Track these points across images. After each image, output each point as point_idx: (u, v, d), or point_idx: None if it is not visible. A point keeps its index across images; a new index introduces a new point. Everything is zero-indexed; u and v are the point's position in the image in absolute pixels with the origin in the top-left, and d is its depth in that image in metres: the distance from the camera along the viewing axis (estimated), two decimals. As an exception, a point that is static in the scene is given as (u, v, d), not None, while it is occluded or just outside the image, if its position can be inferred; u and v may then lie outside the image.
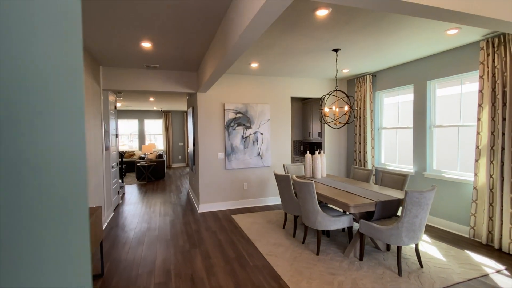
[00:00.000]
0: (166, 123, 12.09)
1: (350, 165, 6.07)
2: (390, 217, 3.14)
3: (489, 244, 3.45)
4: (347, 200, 3.00)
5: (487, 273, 2.78)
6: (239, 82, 5.32)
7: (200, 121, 5.10)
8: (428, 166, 4.38)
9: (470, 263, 2.99)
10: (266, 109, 5.48)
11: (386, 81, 5.11)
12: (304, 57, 4.17)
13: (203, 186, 5.15)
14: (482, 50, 3.44)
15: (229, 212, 5.06)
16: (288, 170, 4.86)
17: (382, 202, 2.97)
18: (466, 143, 3.91)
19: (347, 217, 3.25)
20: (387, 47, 3.77)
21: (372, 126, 5.35)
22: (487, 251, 3.28)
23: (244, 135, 5.33)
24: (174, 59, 4.23)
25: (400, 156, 5.01)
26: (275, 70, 5.00)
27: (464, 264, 2.97)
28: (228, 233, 4.03)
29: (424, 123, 4.39)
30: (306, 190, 3.19)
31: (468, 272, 2.80)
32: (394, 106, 5.12)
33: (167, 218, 4.83)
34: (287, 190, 3.75)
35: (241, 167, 5.33)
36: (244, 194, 5.42)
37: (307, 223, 3.34)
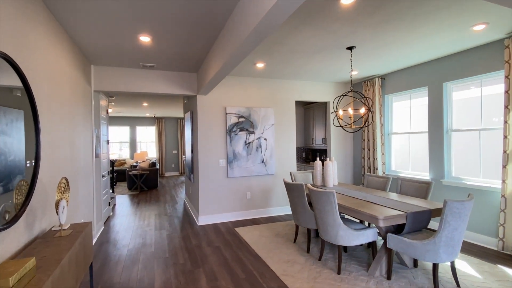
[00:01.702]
0: (159, 130, 11.63)
1: (357, 172, 5.77)
2: (420, 230, 2.81)
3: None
4: (374, 211, 2.66)
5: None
6: (241, 84, 5.00)
7: (200, 125, 4.73)
8: (446, 173, 4.10)
9: (508, 279, 2.68)
10: (270, 113, 5.15)
11: (396, 84, 4.88)
12: (314, 56, 3.88)
13: (203, 196, 4.74)
14: (507, 49, 3.22)
15: (232, 225, 4.65)
16: (296, 178, 4.51)
17: (413, 213, 2.64)
18: (489, 148, 3.66)
19: (371, 230, 2.90)
20: (406, 45, 3.52)
21: (382, 131, 5.08)
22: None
23: (247, 141, 4.98)
24: (174, 57, 3.88)
25: (412, 163, 4.74)
26: (280, 71, 4.70)
27: (503, 281, 2.66)
28: (234, 248, 3.63)
29: (441, 127, 4.14)
30: (326, 200, 2.84)
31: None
32: (404, 110, 4.88)
33: (164, 232, 4.38)
34: (300, 200, 3.40)
35: (244, 175, 4.95)
36: (247, 204, 5.03)
37: (326, 237, 2.98)
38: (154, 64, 4.20)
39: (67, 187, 2.29)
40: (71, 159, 2.99)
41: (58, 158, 2.56)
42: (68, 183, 2.29)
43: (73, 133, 3.10)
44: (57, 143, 2.54)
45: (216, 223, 4.77)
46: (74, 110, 3.18)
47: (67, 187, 2.28)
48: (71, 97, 3.06)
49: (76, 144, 3.20)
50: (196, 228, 4.53)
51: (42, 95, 2.23)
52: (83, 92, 3.64)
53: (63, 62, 2.80)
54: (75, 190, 3.15)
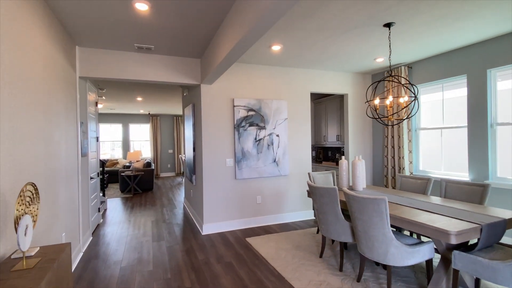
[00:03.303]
0: (154, 128, 10.92)
1: (378, 172, 5.21)
2: (492, 245, 2.24)
3: None
4: (440, 224, 2.08)
5: None
6: (251, 73, 4.38)
7: (204, 120, 4.10)
8: (490, 173, 3.56)
9: None
10: (283, 106, 4.55)
11: (425, 73, 4.32)
12: (343, 36, 3.29)
13: (207, 201, 4.11)
14: None
15: (241, 234, 4.03)
16: (315, 180, 3.92)
17: (488, 225, 2.07)
18: (548, 144, 3.12)
19: (427, 246, 2.32)
20: (456, 22, 2.95)
21: (409, 127, 4.53)
22: None
23: (257, 137, 4.37)
24: (176, 36, 3.24)
25: (445, 162, 4.19)
26: (297, 57, 4.10)
27: None
28: (249, 265, 3.01)
29: (484, 121, 3.60)
30: (374, 209, 2.25)
31: None
32: (435, 103, 4.33)
33: (163, 244, 3.74)
34: (331, 208, 2.80)
35: (254, 176, 4.34)
36: (258, 210, 4.42)
37: (370, 255, 2.39)
38: (152, 46, 3.56)
39: (36, 196, 1.64)
40: (46, 157, 2.33)
41: (24, 156, 1.91)
42: (37, 190, 1.65)
43: (50, 126, 2.44)
44: (22, 135, 1.89)
45: (223, 231, 4.14)
46: (52, 97, 2.52)
47: (35, 196, 1.64)
48: (47, 80, 2.41)
49: (54, 139, 2.54)
50: (201, 238, 3.90)
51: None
52: (65, 77, 2.98)
53: (35, 35, 2.15)
54: (53, 196, 2.49)
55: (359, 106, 5.19)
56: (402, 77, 3.34)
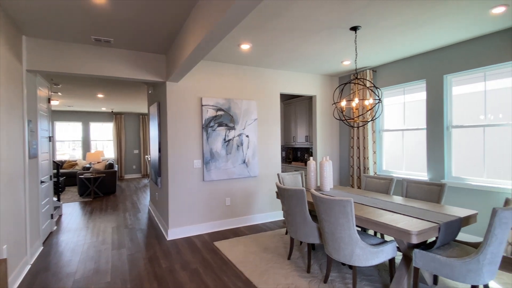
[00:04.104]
0: (117, 127, 10.33)
1: (344, 173, 5.35)
2: (448, 243, 2.36)
3: (540, 266, 2.87)
4: (403, 224, 2.13)
5: None
6: (220, 72, 4.26)
7: (170, 119, 3.91)
8: (446, 172, 3.79)
9: (544, 297, 2.33)
10: (253, 106, 4.49)
11: (388, 77, 4.51)
12: (312, 37, 3.30)
13: (173, 204, 3.92)
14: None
15: (209, 238, 3.90)
16: (284, 181, 3.91)
17: (446, 224, 2.17)
18: (494, 146, 3.39)
19: (390, 245, 2.38)
20: (417, 28, 3.08)
21: (374, 128, 4.69)
22: (542, 276, 2.68)
23: (226, 138, 4.26)
24: (138, 29, 3.04)
25: (406, 162, 4.40)
26: (267, 58, 4.06)
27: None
28: (216, 271, 2.90)
29: (441, 123, 3.82)
30: (339, 210, 2.26)
31: (559, 314, 2.11)
32: (397, 105, 4.53)
33: (124, 252, 3.50)
34: (299, 210, 2.78)
35: (223, 178, 4.22)
36: (227, 212, 4.31)
37: (336, 256, 2.40)
38: (111, 39, 3.30)
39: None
40: (-19, 161, 2.04)
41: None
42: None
43: (-14, 124, 2.14)
44: None
45: (190, 236, 3.98)
46: (-11, 91, 2.21)
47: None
48: (-17, 71, 2.11)
49: (-9, 140, 2.23)
50: (166, 244, 3.71)
51: None
52: (8, 69, 2.65)
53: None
54: (-10, 205, 2.19)
55: (327, 107, 5.29)
56: (367, 80, 3.44)
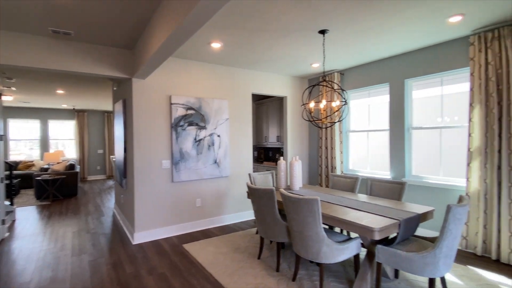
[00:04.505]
0: (80, 126, 9.72)
1: (313, 172, 5.49)
2: (408, 238, 2.50)
3: (485, 255, 3.16)
4: (366, 222, 2.23)
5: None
6: (191, 70, 4.17)
7: (137, 118, 3.75)
8: (407, 171, 4.03)
9: (488, 283, 2.56)
10: (224, 105, 4.45)
11: (355, 80, 4.70)
12: (282, 39, 3.34)
13: (139, 206, 3.76)
14: (472, 46, 3.20)
15: (178, 240, 3.80)
16: (255, 181, 3.92)
17: (406, 220, 2.30)
18: (450, 146, 3.66)
19: (355, 242, 2.48)
20: (382, 33, 3.23)
21: (341, 129, 4.86)
22: (487, 264, 2.95)
23: (197, 138, 4.17)
24: (101, 23, 2.87)
25: (371, 162, 4.62)
26: (238, 57, 4.04)
27: (483, 285, 2.52)
28: (184, 274, 2.83)
29: (402, 125, 4.06)
30: (307, 209, 2.30)
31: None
32: (362, 107, 4.74)
33: (85, 257, 3.29)
34: (269, 209, 2.80)
35: (193, 178, 4.14)
36: (197, 213, 4.23)
37: (304, 254, 2.45)
38: (71, 32, 3.09)
39: None
40: None
41: None
42: None
43: None
44: None
45: (157, 239, 3.85)
46: None
47: None
48: None
49: None
50: (131, 248, 3.55)
51: None
52: None
53: None
54: None
55: (297, 108, 5.39)
56: (334, 83, 3.56)
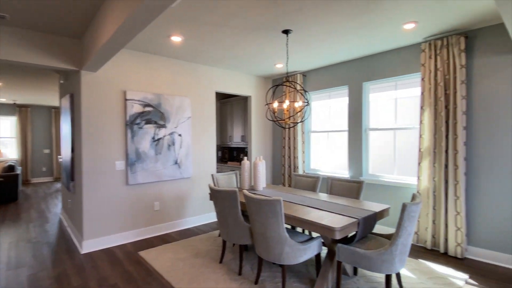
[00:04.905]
0: (22, 122, 8.72)
1: (277, 171, 5.51)
2: (366, 236, 2.57)
3: (434, 249, 3.39)
4: (327, 221, 2.23)
5: (460, 286, 2.54)
6: (150, 64, 3.90)
7: (86, 114, 3.41)
8: (364, 170, 4.20)
9: (438, 276, 2.73)
10: (186, 103, 4.25)
11: (316, 82, 4.79)
12: (246, 37, 3.26)
13: (89, 212, 3.43)
14: (423, 53, 3.41)
15: (134, 247, 3.53)
16: (218, 182, 3.80)
17: (364, 219, 2.35)
18: (403, 147, 3.88)
19: (316, 241, 2.48)
20: (342, 37, 3.31)
21: (303, 129, 4.93)
22: (436, 257, 3.16)
23: (155, 137, 3.93)
24: (42, 6, 2.54)
25: (332, 161, 4.74)
26: (202, 53, 3.88)
27: (434, 278, 2.69)
28: (139, 284, 2.62)
29: (360, 126, 4.21)
30: (269, 210, 2.25)
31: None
32: (324, 108, 4.85)
33: (23, 271, 2.90)
34: (232, 211, 2.70)
35: (151, 180, 3.88)
36: (155, 217, 3.97)
37: (266, 256, 2.40)
38: (6, 15, 2.69)
39: None
40: None
41: None
42: None
43: None
44: None
45: (110, 247, 3.54)
46: None
47: None
48: None
49: None
50: (79, 258, 3.22)
51: None
52: None
53: None
54: None
55: (261, 108, 5.36)
56: (297, 83, 3.58)
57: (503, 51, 2.90)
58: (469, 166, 3.17)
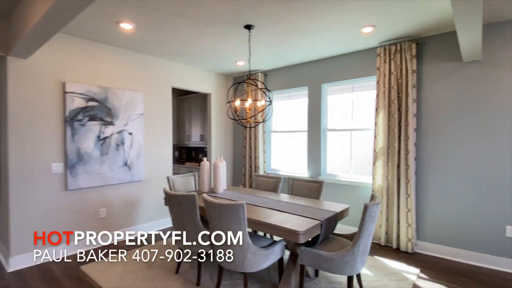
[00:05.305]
0: None
1: (237, 171, 5.36)
2: (328, 237, 2.55)
3: (388, 245, 3.54)
4: (291, 225, 2.15)
5: (413, 281, 2.66)
6: (95, 53, 3.47)
7: (13, 108, 2.89)
8: (322, 170, 4.27)
9: (392, 272, 2.84)
10: (138, 98, 3.88)
11: (277, 82, 4.75)
12: (205, 29, 3.05)
13: (18, 222, 2.92)
14: (379, 57, 3.55)
15: (75, 261, 3.09)
16: (175, 185, 3.53)
17: (327, 220, 2.32)
18: (359, 147, 4.01)
19: (279, 245, 2.40)
20: (304, 36, 3.28)
21: (264, 129, 4.86)
22: (389, 253, 3.31)
23: (101, 135, 3.51)
24: (-52, -28, 2.05)
25: (292, 161, 4.75)
26: (157, 44, 3.56)
27: (389, 274, 2.78)
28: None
29: (319, 126, 4.27)
30: (232, 215, 2.10)
31: (402, 286, 2.58)
32: (284, 108, 4.84)
33: None
34: (190, 216, 2.49)
35: (96, 184, 3.46)
36: (101, 226, 3.55)
37: (228, 265, 2.24)
38: None
39: None
40: None
41: None
42: None
43: None
44: None
45: (45, 262, 3.05)
46: None
47: None
48: None
49: None
50: (5, 278, 2.71)
51: None
52: None
53: None
54: None
55: (222, 107, 5.17)
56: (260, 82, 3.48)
57: (449, 59, 3.13)
58: (418, 165, 3.37)
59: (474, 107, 3.00)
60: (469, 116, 3.03)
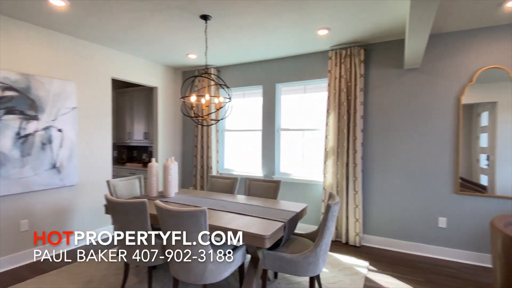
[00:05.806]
0: None
1: (187, 172, 5.06)
2: (289, 238, 2.52)
3: (337, 240, 3.72)
4: (257, 229, 2.05)
5: (364, 274, 2.82)
6: (16, 33, 2.84)
7: None
8: (276, 169, 4.29)
9: (345, 267, 2.97)
10: (70, 89, 3.32)
11: (231, 79, 4.60)
12: (153, 15, 2.74)
13: None
14: (330, 60, 3.69)
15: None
16: (116, 190, 3.12)
17: (289, 221, 2.29)
18: (311, 146, 4.13)
19: (241, 251, 2.28)
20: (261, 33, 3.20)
21: (217, 128, 4.67)
22: (339, 248, 3.47)
23: (22, 132, 2.90)
24: None
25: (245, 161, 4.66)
26: (94, 28, 3.09)
27: (343, 269, 2.90)
28: None
29: (273, 126, 4.27)
30: (192, 223, 1.90)
31: (355, 280, 2.71)
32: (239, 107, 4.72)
33: None
34: (139, 226, 2.19)
35: (15, 191, 2.85)
36: (23, 241, 2.94)
37: (186, 277, 2.03)
38: None
39: None
40: None
41: None
42: None
43: None
44: None
45: None
46: None
47: None
48: None
49: None
50: None
51: None
52: None
53: None
54: None
55: (170, 102, 4.80)
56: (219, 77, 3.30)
57: (392, 65, 3.40)
58: (365, 164, 3.60)
59: (412, 110, 3.32)
60: (408, 118, 3.35)
